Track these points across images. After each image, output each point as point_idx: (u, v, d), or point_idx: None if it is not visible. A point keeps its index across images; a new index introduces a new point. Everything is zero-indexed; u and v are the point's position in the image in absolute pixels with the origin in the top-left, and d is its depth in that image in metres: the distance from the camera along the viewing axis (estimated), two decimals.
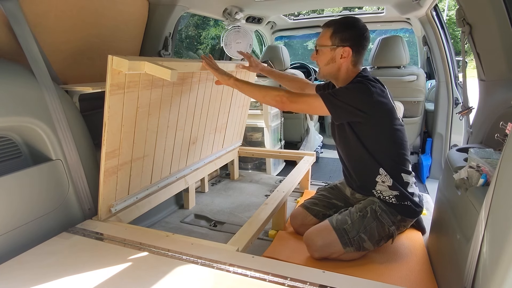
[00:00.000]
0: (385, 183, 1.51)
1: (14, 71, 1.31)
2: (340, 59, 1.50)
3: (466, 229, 1.01)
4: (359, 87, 1.42)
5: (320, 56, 1.55)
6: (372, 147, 1.49)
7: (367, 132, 1.47)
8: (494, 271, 0.69)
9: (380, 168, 1.50)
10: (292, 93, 1.50)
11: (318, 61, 1.57)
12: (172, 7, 2.15)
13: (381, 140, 1.49)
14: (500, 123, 1.14)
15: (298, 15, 4.07)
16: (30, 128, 1.32)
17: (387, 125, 1.47)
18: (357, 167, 1.61)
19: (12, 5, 1.30)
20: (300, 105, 1.50)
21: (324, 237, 1.49)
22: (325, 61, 1.53)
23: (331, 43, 1.50)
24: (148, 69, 1.27)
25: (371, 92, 1.38)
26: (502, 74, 1.44)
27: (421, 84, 2.98)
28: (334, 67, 1.53)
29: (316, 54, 1.56)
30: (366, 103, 1.39)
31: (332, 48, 1.50)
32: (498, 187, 0.75)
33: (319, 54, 1.55)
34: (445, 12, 12.53)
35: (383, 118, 1.45)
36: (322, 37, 1.54)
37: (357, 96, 1.40)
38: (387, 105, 1.44)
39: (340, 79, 1.55)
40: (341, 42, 1.48)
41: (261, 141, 3.17)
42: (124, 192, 1.56)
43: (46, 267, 1.11)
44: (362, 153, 1.50)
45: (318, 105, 1.42)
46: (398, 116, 1.50)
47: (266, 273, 1.05)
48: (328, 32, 1.51)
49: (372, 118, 1.42)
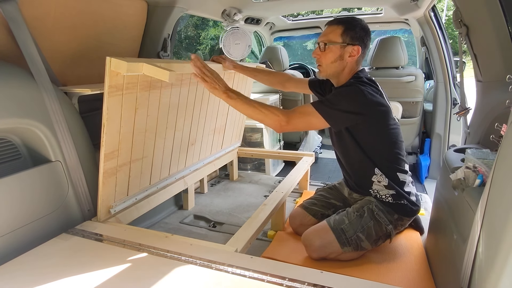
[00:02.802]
0: (381, 183, 1.52)
1: (13, 73, 1.31)
2: (348, 57, 1.47)
3: (462, 229, 1.02)
4: (351, 89, 1.41)
5: (326, 54, 1.49)
6: (368, 147, 1.49)
7: (364, 132, 1.47)
8: (490, 271, 0.70)
9: (375, 168, 1.51)
10: (288, 113, 1.42)
11: (322, 59, 1.50)
12: (170, 9, 2.16)
13: (377, 139, 1.49)
14: (496, 124, 1.15)
15: (297, 16, 4.08)
16: (29, 130, 1.32)
17: (383, 124, 1.47)
18: (354, 167, 1.62)
19: (11, 7, 1.30)
20: (299, 124, 1.45)
21: (322, 237, 1.50)
22: (332, 58, 1.48)
23: (341, 41, 1.46)
24: (146, 70, 1.27)
25: (364, 93, 1.38)
26: (499, 75, 1.45)
27: (419, 85, 2.99)
28: (341, 65, 1.50)
29: (320, 51, 1.50)
30: (362, 104, 1.39)
31: (342, 45, 1.46)
32: (493, 188, 0.76)
33: (326, 51, 1.48)
34: (444, 12, 12.55)
35: (379, 118, 1.45)
36: (331, 34, 1.48)
37: (351, 99, 1.40)
38: (383, 105, 1.44)
39: (342, 78, 1.53)
40: (352, 40, 1.46)
41: (260, 141, 3.18)
42: (123, 193, 1.56)
43: (45, 268, 1.11)
44: (358, 153, 1.50)
45: (316, 121, 1.39)
46: (393, 116, 1.51)
47: (265, 274, 1.06)
48: (339, 29, 1.46)
49: (369, 119, 1.42)
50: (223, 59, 1.93)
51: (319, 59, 1.52)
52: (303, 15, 4.10)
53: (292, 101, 3.43)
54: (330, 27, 1.50)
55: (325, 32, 1.51)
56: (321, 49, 1.50)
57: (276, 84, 1.99)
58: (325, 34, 1.50)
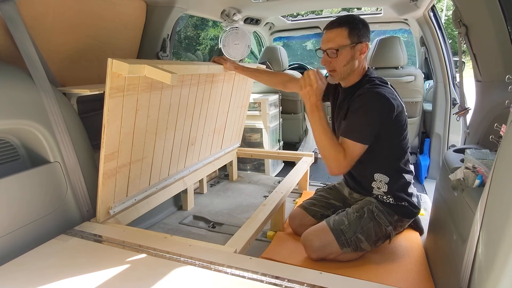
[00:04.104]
0: (382, 183, 1.52)
1: (12, 73, 1.31)
2: (359, 55, 1.46)
3: (462, 229, 1.02)
4: (373, 99, 1.38)
5: (339, 58, 1.44)
6: (379, 148, 1.47)
7: (383, 134, 1.44)
8: (489, 272, 0.70)
9: (381, 168, 1.51)
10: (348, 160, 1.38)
11: (335, 64, 1.46)
12: (170, 9, 2.16)
13: (394, 140, 1.49)
14: (495, 124, 1.15)
15: (296, 16, 4.08)
16: (28, 130, 1.32)
17: (400, 125, 1.47)
18: (358, 168, 1.60)
19: (10, 7, 1.30)
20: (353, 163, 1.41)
21: (321, 238, 1.50)
22: (345, 61, 1.45)
23: (350, 42, 1.42)
24: (148, 72, 1.26)
25: (387, 98, 1.37)
26: (498, 75, 1.45)
27: (419, 85, 2.99)
28: (353, 65, 1.47)
29: (330, 57, 1.45)
30: (388, 112, 1.39)
31: (352, 46, 1.43)
32: (493, 188, 0.75)
33: (338, 56, 1.44)
34: (443, 12, 12.57)
35: (400, 118, 1.45)
36: (337, 38, 1.43)
37: (378, 110, 1.38)
38: (402, 106, 1.45)
39: (353, 78, 1.51)
40: (359, 38, 1.43)
41: (259, 142, 3.18)
42: (122, 194, 1.56)
43: (44, 269, 1.11)
44: (367, 156, 1.46)
45: (359, 149, 1.38)
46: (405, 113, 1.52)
47: (264, 275, 1.06)
48: (345, 31, 1.42)
49: (392, 121, 1.42)
50: (224, 60, 1.93)
51: (331, 65, 1.47)
52: (302, 15, 4.10)
53: (291, 101, 3.42)
54: (333, 31, 1.44)
55: (330, 37, 1.44)
56: (331, 55, 1.45)
57: (277, 84, 1.99)
58: (331, 39, 1.44)
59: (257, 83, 2.56)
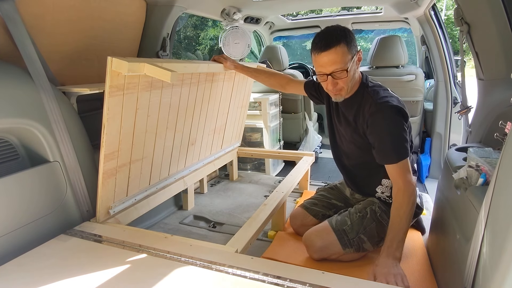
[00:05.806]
0: (388, 188, 1.52)
1: (11, 72, 1.30)
2: (358, 63, 1.43)
3: (465, 229, 1.01)
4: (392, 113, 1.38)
5: (349, 76, 1.37)
6: None
7: None
8: (494, 271, 0.69)
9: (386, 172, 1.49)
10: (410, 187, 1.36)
11: (343, 84, 1.39)
12: (170, 8, 2.15)
13: None
14: (499, 122, 1.14)
15: (296, 15, 4.07)
16: (27, 130, 1.31)
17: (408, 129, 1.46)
18: (365, 177, 1.60)
19: (9, 6, 1.29)
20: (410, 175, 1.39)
21: (323, 238, 1.49)
22: (351, 76, 1.39)
23: (352, 55, 1.36)
24: (148, 71, 1.26)
25: (401, 109, 1.39)
26: (501, 73, 1.44)
27: (419, 84, 2.98)
28: (356, 75, 1.45)
29: (338, 78, 1.37)
30: (406, 120, 1.40)
31: (353, 59, 1.37)
32: (498, 187, 0.75)
33: (348, 75, 1.36)
34: (443, 12, 12.56)
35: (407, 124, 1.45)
36: (342, 56, 1.33)
37: (401, 122, 1.38)
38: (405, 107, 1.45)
39: (355, 86, 1.47)
40: (356, 47, 1.40)
41: (260, 141, 3.17)
42: (122, 193, 1.55)
43: (44, 269, 1.10)
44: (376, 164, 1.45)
45: (407, 162, 1.38)
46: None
47: (266, 275, 1.05)
48: (343, 48, 1.33)
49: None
50: (224, 59, 1.93)
51: (338, 86, 1.40)
52: (302, 15, 4.09)
53: (291, 101, 3.42)
54: (332, 51, 1.32)
55: (333, 59, 1.33)
56: (340, 76, 1.36)
57: (276, 86, 1.99)
58: (336, 60, 1.33)
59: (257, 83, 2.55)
